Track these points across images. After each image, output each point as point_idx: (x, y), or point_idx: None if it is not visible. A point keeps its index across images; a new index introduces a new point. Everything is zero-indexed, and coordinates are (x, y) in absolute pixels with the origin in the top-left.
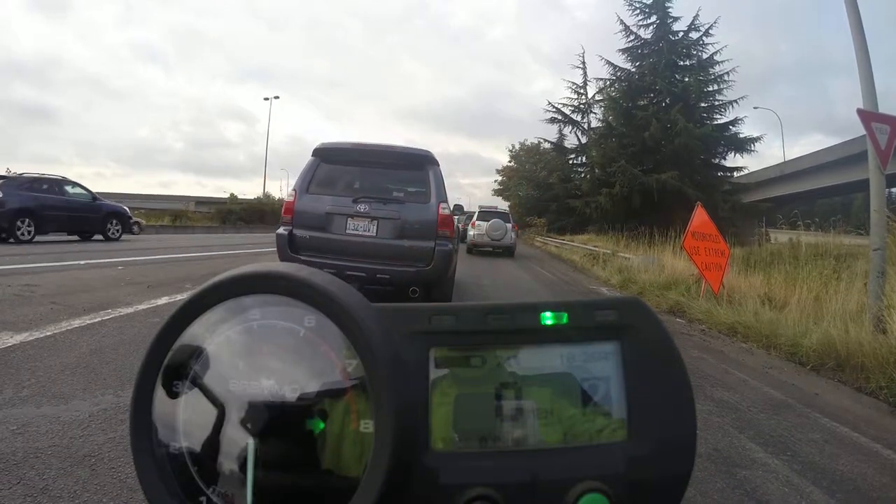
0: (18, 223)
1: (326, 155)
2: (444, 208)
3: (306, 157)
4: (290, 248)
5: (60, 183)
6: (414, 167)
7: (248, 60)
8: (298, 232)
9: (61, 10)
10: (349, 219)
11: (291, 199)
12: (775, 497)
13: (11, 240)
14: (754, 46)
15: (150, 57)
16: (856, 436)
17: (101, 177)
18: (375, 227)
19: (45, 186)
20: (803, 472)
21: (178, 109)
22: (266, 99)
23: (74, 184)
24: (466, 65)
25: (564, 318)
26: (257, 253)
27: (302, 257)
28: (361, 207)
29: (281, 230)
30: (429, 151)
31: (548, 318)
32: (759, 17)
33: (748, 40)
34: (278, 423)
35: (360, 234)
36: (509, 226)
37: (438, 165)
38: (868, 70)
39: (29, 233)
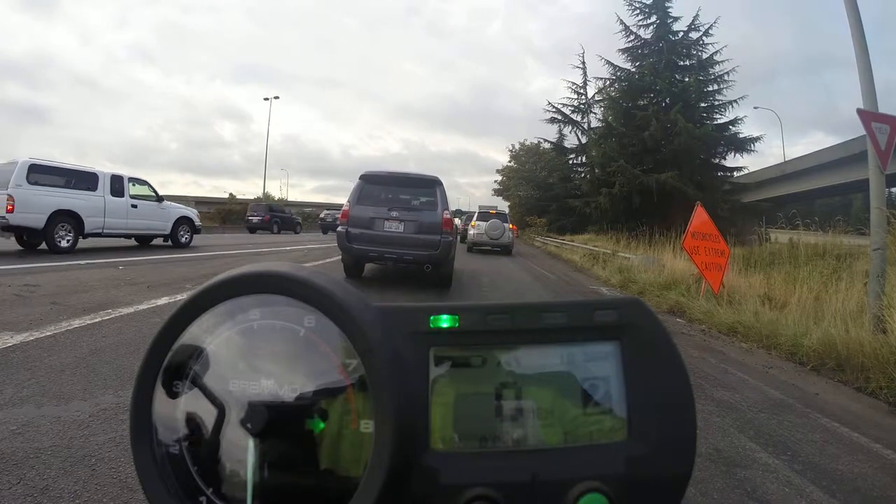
0: None
1: (368, 179)
2: (446, 213)
3: (302, 157)
4: (346, 240)
5: None
6: (427, 186)
7: (243, 59)
8: (352, 230)
9: (53, 8)
10: (385, 221)
11: (347, 208)
12: (775, 497)
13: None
14: (755, 42)
15: (144, 56)
16: (856, 436)
17: None
18: (402, 226)
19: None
20: (803, 472)
21: (173, 109)
22: (266, 99)
23: None
24: (463, 64)
25: (564, 318)
26: (258, 254)
27: (355, 246)
28: (393, 213)
29: (339, 228)
30: (436, 176)
31: (548, 318)
32: (759, 10)
33: (748, 36)
34: (278, 423)
35: (392, 231)
36: (507, 225)
37: (443, 185)
38: (868, 70)
39: None
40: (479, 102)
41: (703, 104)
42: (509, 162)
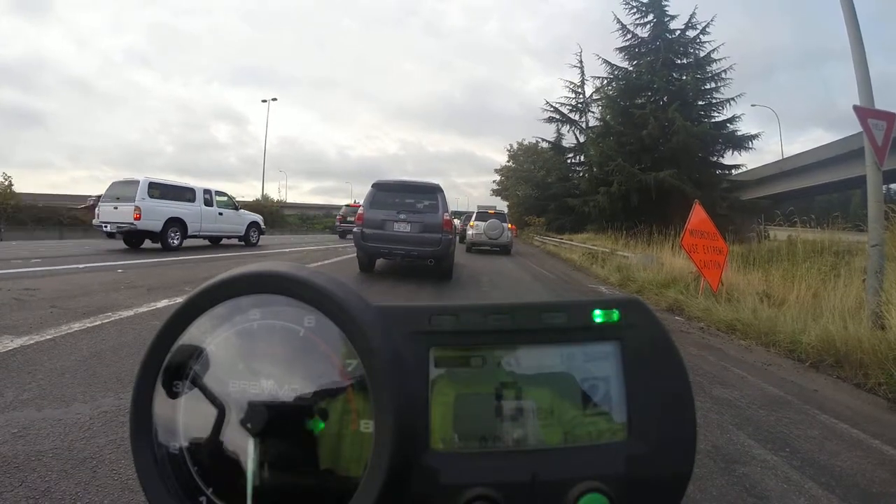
0: None
1: (379, 186)
2: (447, 215)
3: (300, 158)
4: (362, 239)
5: None
6: (429, 192)
7: (240, 62)
8: (366, 230)
9: (46, 12)
10: (394, 222)
11: (362, 212)
12: (774, 493)
13: None
14: (752, 37)
15: (140, 59)
16: (855, 432)
17: (96, 180)
18: (409, 227)
19: None
20: (802, 468)
21: (169, 112)
22: (263, 101)
23: None
24: (461, 64)
25: (564, 318)
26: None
27: (369, 244)
28: (401, 216)
29: (355, 229)
30: (437, 183)
31: (548, 318)
32: (757, 6)
33: (746, 31)
34: (278, 424)
35: (401, 231)
36: (506, 225)
37: (443, 191)
38: (864, 66)
39: None
40: (477, 102)
41: (700, 102)
42: (507, 162)
